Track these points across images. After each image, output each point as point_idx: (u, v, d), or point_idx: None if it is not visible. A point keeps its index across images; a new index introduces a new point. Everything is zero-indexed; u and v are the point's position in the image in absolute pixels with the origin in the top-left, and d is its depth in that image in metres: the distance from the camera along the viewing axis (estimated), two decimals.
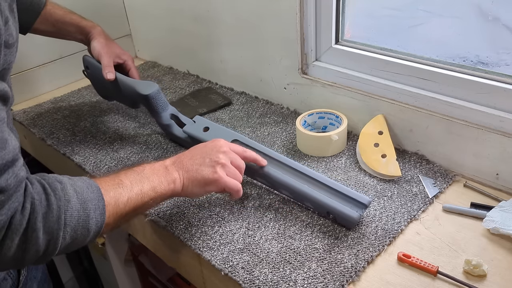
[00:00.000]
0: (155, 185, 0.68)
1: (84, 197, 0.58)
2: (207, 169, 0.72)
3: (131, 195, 0.64)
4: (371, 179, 0.87)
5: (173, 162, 0.72)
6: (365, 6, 0.99)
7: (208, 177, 0.71)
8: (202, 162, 0.72)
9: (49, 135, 1.11)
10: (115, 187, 0.63)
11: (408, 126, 0.92)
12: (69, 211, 0.56)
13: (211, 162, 0.72)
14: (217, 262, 0.72)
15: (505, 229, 0.71)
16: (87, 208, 0.58)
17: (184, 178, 0.71)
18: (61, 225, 0.55)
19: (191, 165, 0.72)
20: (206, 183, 0.72)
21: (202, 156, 0.73)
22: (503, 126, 0.79)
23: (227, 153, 0.74)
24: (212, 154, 0.73)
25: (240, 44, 1.17)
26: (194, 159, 0.73)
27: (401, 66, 0.91)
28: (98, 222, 0.59)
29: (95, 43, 1.03)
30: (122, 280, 1.25)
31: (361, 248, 0.72)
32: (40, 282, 0.83)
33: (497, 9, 0.78)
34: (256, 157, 0.80)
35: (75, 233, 0.57)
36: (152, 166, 0.70)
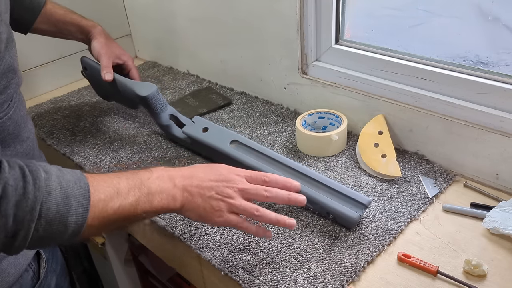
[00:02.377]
0: (152, 200, 0.62)
1: (68, 192, 0.55)
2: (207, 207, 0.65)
3: (124, 204, 0.60)
4: (371, 179, 0.87)
5: (183, 179, 0.66)
6: (365, 6, 0.99)
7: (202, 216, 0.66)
8: (208, 195, 0.65)
9: (49, 135, 1.11)
10: (109, 190, 0.59)
11: (408, 126, 0.92)
12: (47, 203, 0.53)
13: (216, 198, 0.65)
14: (217, 262, 0.72)
15: (505, 229, 0.71)
16: (68, 204, 0.55)
17: (183, 200, 0.65)
18: (35, 216, 0.52)
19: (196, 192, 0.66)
20: (199, 219, 0.67)
21: (211, 187, 0.66)
22: (503, 126, 0.79)
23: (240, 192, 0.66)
24: (221, 188, 0.66)
25: (240, 44, 1.17)
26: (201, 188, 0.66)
27: (401, 66, 0.91)
28: (78, 221, 0.55)
29: (95, 43, 1.03)
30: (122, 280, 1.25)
31: (361, 248, 0.72)
32: (59, 275, 0.83)
33: (497, 9, 0.78)
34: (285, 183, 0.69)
35: (50, 227, 0.54)
36: (160, 176, 0.65)
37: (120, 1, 1.47)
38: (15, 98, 0.69)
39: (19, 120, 0.70)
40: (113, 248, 1.17)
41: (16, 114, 0.69)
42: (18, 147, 0.70)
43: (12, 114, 0.68)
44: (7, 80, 0.64)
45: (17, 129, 0.69)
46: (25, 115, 0.73)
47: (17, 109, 0.70)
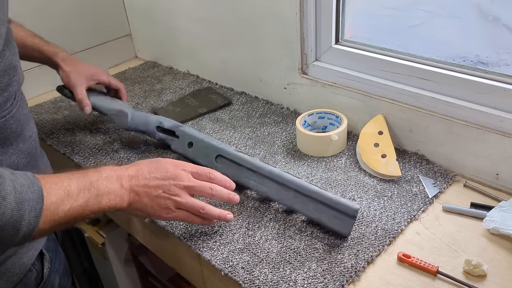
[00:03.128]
0: (101, 201, 0.63)
1: (22, 196, 0.54)
2: (155, 205, 0.68)
3: (74, 206, 0.60)
4: (371, 179, 0.87)
5: (130, 179, 0.67)
6: (365, 6, 0.99)
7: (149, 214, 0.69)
8: (155, 194, 0.67)
9: (49, 135, 1.11)
10: (60, 193, 0.59)
11: (408, 126, 0.92)
12: (1, 209, 0.52)
13: (163, 197, 0.68)
14: (217, 262, 0.72)
15: (505, 229, 0.71)
16: (22, 209, 0.54)
17: (130, 200, 0.67)
18: None
19: (143, 192, 0.67)
20: (146, 216, 0.70)
21: (158, 185, 0.68)
22: (503, 126, 0.79)
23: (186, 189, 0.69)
24: (167, 185, 0.68)
25: (240, 44, 1.17)
26: (148, 187, 0.68)
27: (401, 66, 0.91)
28: (31, 225, 0.55)
29: (62, 74, 0.99)
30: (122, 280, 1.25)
31: (361, 248, 0.72)
32: (62, 275, 0.83)
33: (497, 9, 0.78)
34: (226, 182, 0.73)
35: (2, 232, 0.53)
36: (109, 177, 0.65)
37: (120, 1, 1.47)
38: (18, 97, 0.69)
39: (22, 118, 0.70)
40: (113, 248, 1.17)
41: (19, 112, 0.69)
42: (20, 146, 0.70)
43: (15, 113, 0.68)
44: (9, 78, 0.64)
45: (20, 128, 0.70)
46: (27, 114, 0.73)
47: (20, 108, 0.70)
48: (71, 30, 1.36)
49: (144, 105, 1.22)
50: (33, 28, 1.25)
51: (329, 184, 0.86)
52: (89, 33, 1.41)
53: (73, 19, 1.36)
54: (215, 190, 0.71)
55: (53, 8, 1.31)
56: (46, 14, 1.30)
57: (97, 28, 1.43)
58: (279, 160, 0.95)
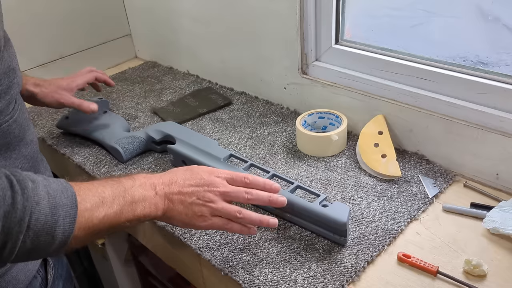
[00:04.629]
0: (135, 208, 0.61)
1: (56, 201, 0.53)
2: (190, 213, 0.65)
3: (109, 213, 0.58)
4: (371, 179, 0.87)
5: (164, 187, 0.65)
6: (365, 6, 0.99)
7: (185, 223, 0.66)
8: (189, 201, 0.65)
9: (49, 135, 1.11)
10: (94, 199, 0.58)
11: (408, 126, 0.92)
12: (35, 214, 0.51)
13: (197, 204, 0.65)
14: (217, 262, 0.72)
15: (505, 229, 0.71)
16: (56, 214, 0.53)
17: (165, 208, 0.65)
18: (23, 227, 0.50)
19: (177, 199, 0.65)
20: (182, 225, 0.67)
21: (192, 192, 0.66)
22: (503, 126, 0.79)
23: (222, 195, 0.66)
24: (202, 192, 0.66)
25: (240, 44, 1.17)
26: (183, 194, 0.65)
27: (401, 66, 0.91)
28: (66, 232, 0.53)
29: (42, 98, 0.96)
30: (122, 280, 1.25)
31: (361, 248, 0.72)
32: (65, 280, 0.83)
33: (497, 9, 0.78)
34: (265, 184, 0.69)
35: (38, 238, 0.51)
36: (143, 184, 0.64)
37: (120, 1, 1.47)
38: (18, 100, 0.69)
39: (23, 122, 0.69)
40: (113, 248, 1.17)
41: (20, 116, 0.68)
42: (23, 150, 0.69)
43: (17, 117, 0.67)
44: (9, 80, 0.64)
45: (22, 132, 0.69)
46: (27, 118, 0.73)
47: (21, 112, 0.69)
48: (71, 30, 1.36)
49: (144, 105, 1.22)
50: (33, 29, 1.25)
51: (329, 184, 0.86)
52: (89, 33, 1.41)
53: (73, 19, 1.36)
54: (251, 194, 0.67)
55: (54, 8, 1.31)
56: (46, 14, 1.30)
57: (97, 28, 1.43)
58: (279, 160, 0.95)
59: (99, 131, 1.03)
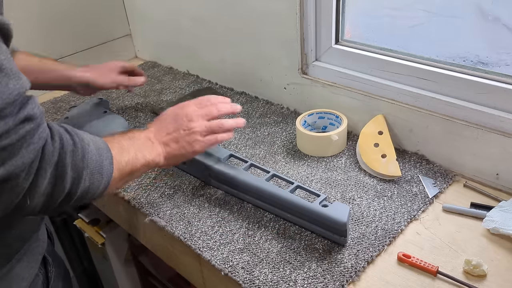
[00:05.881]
0: (145, 154, 0.69)
1: (98, 145, 0.60)
2: (185, 145, 0.74)
3: (130, 157, 0.66)
4: (371, 179, 0.87)
5: (155, 135, 0.74)
6: (365, 6, 0.99)
7: (187, 153, 0.75)
8: (178, 136, 0.74)
9: None
10: (116, 146, 0.65)
11: (408, 126, 0.92)
12: (89, 154, 0.57)
13: (186, 134, 0.75)
14: (217, 262, 0.72)
15: (505, 229, 0.71)
16: (101, 155, 0.60)
17: (165, 152, 0.73)
18: (85, 164, 0.56)
19: (169, 140, 0.74)
20: (186, 157, 0.76)
21: (177, 128, 0.75)
22: (503, 126, 0.79)
23: (199, 117, 0.76)
24: (184, 124, 0.75)
25: (240, 44, 1.17)
26: (170, 134, 0.75)
27: (401, 66, 0.91)
28: (109, 171, 0.61)
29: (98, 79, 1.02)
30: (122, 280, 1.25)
31: (361, 248, 0.72)
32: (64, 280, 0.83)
33: (497, 9, 0.78)
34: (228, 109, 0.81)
35: (93, 176, 0.58)
36: (139, 136, 0.72)
37: (120, 1, 1.47)
38: None
39: None
40: (113, 248, 1.17)
41: None
42: None
43: None
44: None
45: None
46: None
47: None
48: (72, 30, 1.36)
49: (144, 105, 1.22)
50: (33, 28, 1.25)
51: (329, 184, 0.86)
52: (89, 33, 1.41)
53: (73, 19, 1.36)
54: (220, 108, 0.79)
55: (54, 8, 1.31)
56: (46, 14, 1.30)
57: (97, 28, 1.43)
58: (279, 160, 0.95)
59: (99, 131, 1.03)
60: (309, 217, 0.74)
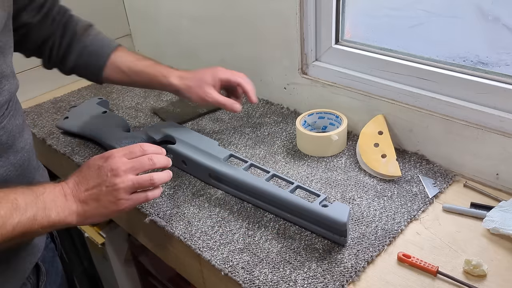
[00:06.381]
0: (50, 214, 0.61)
1: None
2: (107, 204, 0.65)
3: (22, 219, 0.58)
4: (371, 179, 0.87)
5: (72, 190, 0.65)
6: (365, 6, 0.99)
7: (109, 213, 0.66)
8: (99, 193, 0.65)
9: (49, 135, 1.11)
10: (8, 206, 0.57)
11: (408, 126, 0.92)
12: None
13: (109, 191, 0.65)
14: (217, 262, 0.72)
15: (505, 229, 0.71)
16: None
17: (81, 211, 0.64)
18: None
19: (88, 197, 0.65)
20: (108, 216, 0.67)
21: (98, 184, 0.65)
22: (503, 126, 0.79)
23: (127, 172, 0.66)
24: (107, 179, 0.65)
25: (240, 44, 1.17)
26: (90, 190, 0.65)
27: (401, 66, 0.91)
28: None
29: (188, 92, 0.91)
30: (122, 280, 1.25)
31: (361, 248, 0.72)
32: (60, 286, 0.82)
33: (497, 9, 0.78)
34: (163, 162, 0.71)
35: None
36: (52, 191, 0.63)
37: (120, 1, 1.47)
38: (11, 107, 0.66)
39: (14, 129, 0.67)
40: (113, 248, 1.17)
41: (10, 123, 0.66)
42: (11, 158, 0.67)
43: (6, 124, 0.65)
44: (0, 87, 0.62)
45: (11, 139, 0.66)
46: (21, 124, 0.70)
47: (12, 118, 0.66)
48: None
49: (144, 105, 1.22)
50: None
51: (329, 184, 0.86)
52: None
53: None
54: (153, 160, 0.69)
55: None
56: None
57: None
58: (279, 160, 0.95)
59: (99, 131, 1.03)
60: (309, 217, 0.74)
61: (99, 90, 1.32)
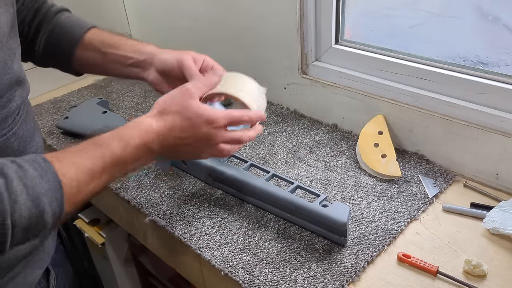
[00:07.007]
0: (127, 167, 0.60)
1: (36, 191, 0.50)
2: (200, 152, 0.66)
3: (99, 184, 0.57)
4: (371, 179, 0.87)
5: (160, 142, 0.63)
6: (365, 6, 0.99)
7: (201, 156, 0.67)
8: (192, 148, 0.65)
9: (49, 135, 1.11)
10: (82, 175, 0.55)
11: (408, 126, 0.92)
12: (17, 212, 0.48)
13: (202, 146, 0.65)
14: (217, 262, 0.72)
15: (505, 229, 0.71)
16: (40, 204, 0.50)
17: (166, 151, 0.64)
18: (7, 229, 0.48)
19: (179, 150, 0.65)
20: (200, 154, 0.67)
21: (199, 147, 0.65)
22: (503, 126, 0.79)
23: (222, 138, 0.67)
24: (208, 148, 0.66)
25: (240, 44, 1.17)
26: (182, 146, 0.64)
27: (401, 66, 0.91)
28: (56, 214, 0.52)
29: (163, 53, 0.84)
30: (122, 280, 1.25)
31: (361, 248, 0.72)
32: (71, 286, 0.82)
33: (497, 9, 0.78)
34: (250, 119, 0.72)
35: (27, 231, 0.50)
36: (136, 146, 0.60)
37: (120, 1, 1.46)
38: (22, 111, 0.64)
39: (25, 135, 0.65)
40: (113, 248, 1.17)
41: (21, 128, 0.63)
42: None
43: (17, 129, 0.62)
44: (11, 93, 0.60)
45: (22, 145, 0.64)
46: (32, 128, 0.67)
47: (24, 123, 0.64)
48: None
49: (144, 105, 1.22)
50: None
51: (329, 184, 0.86)
52: None
53: None
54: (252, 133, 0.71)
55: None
56: None
57: None
58: (279, 160, 0.95)
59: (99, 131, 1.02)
60: (309, 217, 0.74)
61: (99, 90, 1.32)
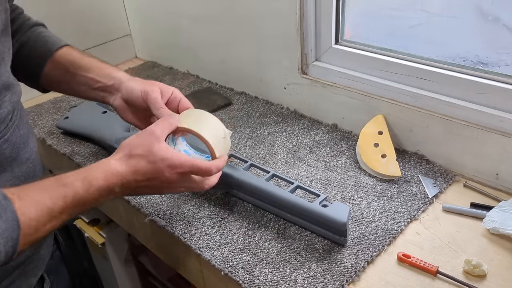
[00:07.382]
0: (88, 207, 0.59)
1: None
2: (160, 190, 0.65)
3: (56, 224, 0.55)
4: (371, 179, 0.87)
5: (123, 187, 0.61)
6: (365, 6, 0.99)
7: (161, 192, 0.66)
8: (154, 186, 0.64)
9: (49, 135, 1.11)
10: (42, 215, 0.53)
11: (408, 126, 0.92)
12: None
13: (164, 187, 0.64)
14: (217, 262, 0.72)
15: (505, 229, 0.71)
16: None
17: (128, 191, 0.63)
18: None
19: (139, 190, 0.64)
20: None
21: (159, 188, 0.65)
22: (503, 126, 0.79)
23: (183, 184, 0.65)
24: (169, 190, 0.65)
25: (240, 44, 1.17)
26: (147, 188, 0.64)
27: (401, 66, 0.91)
28: (9, 253, 0.50)
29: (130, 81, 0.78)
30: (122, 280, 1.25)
31: (361, 248, 0.72)
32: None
33: (497, 9, 0.78)
34: None
35: None
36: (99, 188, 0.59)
37: (120, 1, 1.47)
38: (16, 116, 0.63)
39: (18, 141, 0.63)
40: (113, 248, 1.17)
41: (14, 135, 0.62)
42: (16, 171, 0.64)
43: (10, 136, 0.61)
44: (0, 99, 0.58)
45: (14, 152, 0.63)
46: (26, 134, 0.66)
47: (16, 129, 0.63)
48: (71, 30, 1.36)
49: None
50: None
51: (329, 184, 0.86)
52: (89, 33, 1.41)
53: (72, 19, 1.36)
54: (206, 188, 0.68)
55: (53, 9, 1.31)
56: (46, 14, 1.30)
57: (97, 28, 1.43)
58: (279, 160, 0.95)
59: (99, 131, 1.03)
60: (309, 217, 0.74)
61: None
